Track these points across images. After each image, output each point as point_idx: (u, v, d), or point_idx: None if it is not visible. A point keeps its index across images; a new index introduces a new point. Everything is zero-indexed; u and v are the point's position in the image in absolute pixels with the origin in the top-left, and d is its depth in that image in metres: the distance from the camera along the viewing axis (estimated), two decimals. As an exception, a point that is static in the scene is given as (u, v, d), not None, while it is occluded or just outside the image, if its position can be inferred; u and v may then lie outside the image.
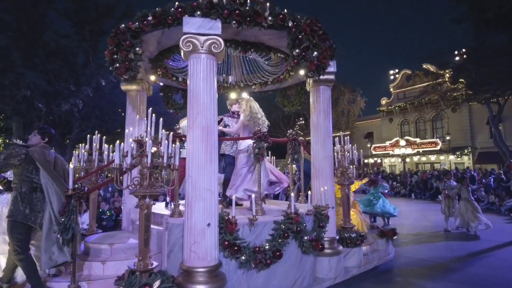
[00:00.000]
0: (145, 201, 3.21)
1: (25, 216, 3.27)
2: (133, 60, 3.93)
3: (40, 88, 19.20)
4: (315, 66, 3.97)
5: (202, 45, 3.61)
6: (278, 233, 3.89)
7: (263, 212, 4.19)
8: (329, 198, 4.86)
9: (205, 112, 3.58)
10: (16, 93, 17.96)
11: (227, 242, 3.60)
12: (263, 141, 4.11)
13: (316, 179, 4.96)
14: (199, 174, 3.51)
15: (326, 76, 4.84)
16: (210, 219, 3.51)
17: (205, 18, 3.61)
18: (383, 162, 30.53)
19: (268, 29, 3.85)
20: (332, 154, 5.03)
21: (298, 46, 3.85)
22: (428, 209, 13.16)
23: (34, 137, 3.62)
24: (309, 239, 4.13)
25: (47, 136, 3.67)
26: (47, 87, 19.56)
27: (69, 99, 18.76)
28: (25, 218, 3.26)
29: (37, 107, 18.69)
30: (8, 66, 18.47)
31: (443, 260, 5.76)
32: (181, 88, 6.07)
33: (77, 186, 3.23)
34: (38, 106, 18.65)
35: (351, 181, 5.46)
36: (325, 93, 5.02)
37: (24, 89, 18.23)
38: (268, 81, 5.96)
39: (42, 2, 18.49)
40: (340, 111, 32.82)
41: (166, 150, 3.19)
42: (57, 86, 18.98)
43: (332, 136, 5.19)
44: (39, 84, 19.44)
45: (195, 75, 3.63)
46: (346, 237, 5.18)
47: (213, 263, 3.48)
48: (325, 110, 4.99)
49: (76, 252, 3.24)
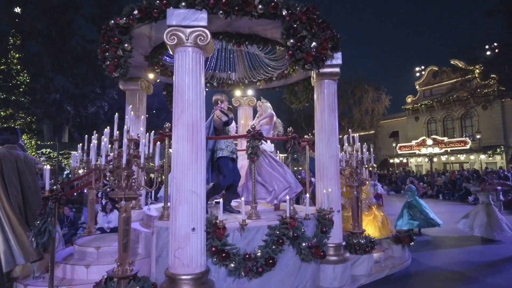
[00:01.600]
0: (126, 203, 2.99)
1: None
2: (122, 57, 3.75)
3: (68, 92, 19.81)
4: (312, 57, 3.60)
5: (187, 38, 3.35)
6: (272, 239, 3.54)
7: (257, 216, 3.86)
8: (334, 201, 4.45)
9: (190, 108, 3.31)
10: (47, 96, 18.62)
11: (215, 248, 3.31)
12: (257, 140, 3.78)
13: (320, 181, 4.57)
14: (183, 175, 3.24)
15: (330, 69, 4.45)
16: (196, 224, 3.23)
17: (190, 9, 3.34)
18: (409, 162, 29.19)
19: (259, 19, 3.53)
20: (337, 154, 4.62)
21: (293, 36, 3.50)
22: (457, 210, 12.22)
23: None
24: (308, 246, 3.76)
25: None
26: (75, 90, 20.15)
27: (95, 101, 19.22)
28: None
29: (66, 110, 19.29)
30: (40, 71, 19.22)
31: (467, 268, 5.18)
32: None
33: (56, 187, 3.05)
34: (66, 109, 19.25)
35: (361, 183, 5.01)
36: (330, 88, 4.62)
37: (54, 92, 18.88)
38: (273, 77, 5.63)
39: (70, 9, 19.09)
40: (364, 109, 31.71)
41: (143, 150, 2.95)
42: (84, 89, 19.51)
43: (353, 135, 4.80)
44: (67, 88, 20.06)
45: (180, 69, 3.37)
46: (354, 243, 4.74)
47: (198, 270, 3.20)
48: (330, 106, 4.59)
49: (54, 255, 3.06)
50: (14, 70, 17.88)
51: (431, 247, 6.69)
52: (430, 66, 28.54)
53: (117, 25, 3.69)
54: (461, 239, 7.30)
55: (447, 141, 25.55)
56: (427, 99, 28.13)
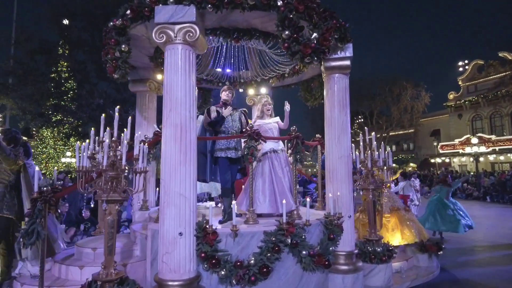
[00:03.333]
0: (110, 206, 2.87)
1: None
2: (120, 58, 3.66)
3: (110, 97, 20.76)
4: (311, 49, 3.26)
5: (176, 35, 3.16)
6: (267, 246, 3.24)
7: (254, 220, 3.57)
8: (345, 205, 4.04)
9: (178, 108, 3.12)
10: (91, 101, 19.68)
11: (204, 253, 3.08)
12: (253, 140, 3.50)
13: (330, 183, 4.17)
14: (170, 177, 3.06)
15: (339, 62, 4.06)
16: (183, 228, 3.03)
17: (178, 6, 3.15)
18: (452, 162, 27.08)
19: (253, 11, 3.26)
20: (349, 154, 4.19)
21: (288, 27, 3.18)
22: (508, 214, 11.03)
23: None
24: (309, 254, 3.41)
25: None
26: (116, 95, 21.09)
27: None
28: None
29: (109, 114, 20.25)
30: (85, 78, 20.35)
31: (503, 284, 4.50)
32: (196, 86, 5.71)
33: (45, 189, 3.01)
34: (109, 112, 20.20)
35: (378, 185, 4.52)
36: (341, 82, 4.20)
37: (98, 98, 19.91)
38: (285, 73, 5.31)
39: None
40: (402, 107, 30.02)
41: (124, 151, 2.80)
42: (124, 94, 20.35)
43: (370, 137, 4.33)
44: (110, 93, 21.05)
45: (168, 67, 3.20)
46: (369, 251, 4.27)
47: (186, 277, 3.00)
48: (340, 102, 4.17)
49: (44, 256, 3.02)
50: (63, 78, 19.05)
51: (470, 255, 5.92)
52: (474, 60, 26.30)
53: (114, 26, 3.60)
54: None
55: (495, 140, 23.35)
56: (472, 95, 25.94)
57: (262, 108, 4.39)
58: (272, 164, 4.03)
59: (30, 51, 17.14)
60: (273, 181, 3.95)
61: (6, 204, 3.27)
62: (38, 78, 17.32)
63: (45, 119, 18.51)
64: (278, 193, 3.89)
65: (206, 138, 4.09)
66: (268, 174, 3.99)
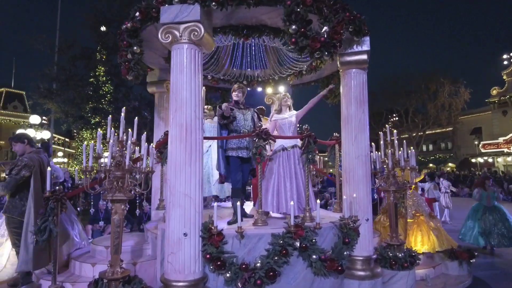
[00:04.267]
0: (116, 205, 2.87)
1: (23, 213, 3.29)
2: (132, 60, 3.69)
3: (145, 99, 21.45)
4: (320, 43, 3.08)
5: (181, 34, 3.12)
6: (275, 249, 3.10)
7: (263, 222, 3.44)
8: (362, 207, 3.80)
9: (183, 108, 3.07)
10: (127, 104, 20.45)
11: (209, 255, 3.00)
12: (261, 139, 3.37)
13: (346, 184, 3.94)
14: (175, 177, 3.01)
15: (356, 57, 3.83)
16: (188, 228, 2.97)
17: (183, 5, 3.10)
18: (496, 162, 25.15)
19: (259, 7, 3.14)
20: (367, 153, 3.93)
21: (295, 21, 3.02)
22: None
23: (15, 147, 3.62)
24: (320, 258, 3.23)
25: (24, 139, 3.67)
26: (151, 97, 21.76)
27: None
28: (22, 215, 3.29)
29: (144, 116, 20.98)
30: (121, 82, 21.21)
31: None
32: (214, 86, 5.69)
33: (58, 188, 3.08)
34: (144, 114, 20.93)
35: (400, 186, 4.22)
36: (357, 78, 3.96)
37: (133, 100, 20.66)
38: (302, 70, 5.12)
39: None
40: (440, 105, 28.36)
41: (129, 151, 2.79)
42: (158, 96, 20.96)
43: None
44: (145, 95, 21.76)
45: (174, 67, 3.16)
46: (390, 257, 3.98)
47: (191, 278, 2.94)
48: (357, 99, 3.93)
49: (57, 252, 3.10)
50: (100, 82, 19.99)
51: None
52: (521, 52, 24.25)
53: (126, 29, 3.64)
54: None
55: (544, 138, 21.38)
56: (518, 90, 23.95)
57: (280, 102, 4.26)
58: (282, 162, 3.87)
59: (72, 58, 18.14)
60: (281, 180, 3.80)
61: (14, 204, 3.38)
62: (79, 83, 18.28)
63: (85, 121, 19.49)
64: (286, 193, 3.73)
65: (211, 138, 4.04)
66: (276, 173, 3.84)
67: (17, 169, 3.40)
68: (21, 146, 3.61)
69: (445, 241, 4.89)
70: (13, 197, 3.40)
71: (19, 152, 3.59)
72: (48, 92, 16.91)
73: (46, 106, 17.36)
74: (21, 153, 3.57)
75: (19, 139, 3.64)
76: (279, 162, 3.86)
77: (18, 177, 3.37)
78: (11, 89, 32.20)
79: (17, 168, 3.40)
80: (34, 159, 3.53)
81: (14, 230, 3.31)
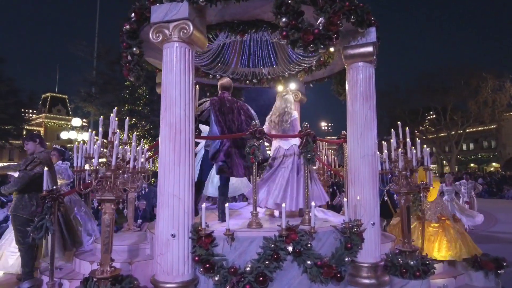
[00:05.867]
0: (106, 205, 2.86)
1: (33, 212, 3.37)
2: (131, 61, 3.68)
3: (178, 100, 22.02)
4: (314, 35, 2.85)
5: (171, 33, 3.04)
6: (266, 253, 2.92)
7: (258, 224, 3.25)
8: (368, 210, 3.49)
9: (173, 107, 2.99)
10: (161, 106, 21.12)
11: (198, 257, 2.89)
12: (255, 139, 3.19)
13: (351, 185, 3.65)
14: (165, 177, 2.94)
15: (361, 49, 3.54)
16: (177, 229, 2.89)
17: (172, 3, 3.01)
18: (547, 162, 22.79)
19: (248, 1, 2.97)
20: (374, 153, 3.61)
21: (285, 13, 2.82)
22: None
23: (27, 145, 3.68)
24: (316, 264, 2.99)
25: (36, 138, 3.73)
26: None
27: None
28: (32, 214, 3.37)
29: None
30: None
31: None
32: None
33: (55, 187, 3.13)
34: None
35: (412, 189, 3.84)
36: (363, 71, 3.64)
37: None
38: (312, 66, 4.87)
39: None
40: (482, 101, 26.27)
41: (115, 151, 2.75)
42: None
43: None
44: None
45: (164, 66, 3.09)
46: (400, 264, 3.63)
47: (179, 279, 2.85)
48: (363, 94, 3.62)
49: (54, 250, 3.14)
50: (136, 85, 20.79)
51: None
52: None
53: (126, 30, 3.62)
54: None
55: None
56: None
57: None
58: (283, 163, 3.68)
59: (110, 63, 19.00)
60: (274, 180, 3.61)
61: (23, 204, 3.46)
62: (116, 87, 19.10)
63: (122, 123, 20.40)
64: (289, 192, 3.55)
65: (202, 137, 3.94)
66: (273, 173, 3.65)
67: (33, 165, 3.46)
68: (32, 145, 3.69)
69: (472, 248, 4.39)
70: (22, 196, 3.46)
71: (30, 151, 3.67)
72: (88, 96, 17.84)
73: (86, 109, 18.32)
74: (31, 152, 3.66)
75: (31, 139, 3.74)
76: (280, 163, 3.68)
77: (32, 173, 3.43)
78: (55, 93, 34.75)
79: (33, 163, 3.46)
80: (45, 158, 3.62)
81: (19, 228, 3.41)
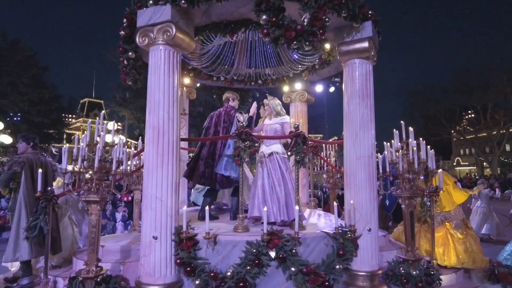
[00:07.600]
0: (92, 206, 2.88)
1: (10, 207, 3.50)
2: (127, 66, 3.72)
3: (209, 104, 22.29)
4: (296, 32, 2.68)
5: (155, 36, 3.01)
6: (247, 257, 2.78)
7: (245, 228, 3.11)
8: (364, 215, 3.23)
9: (156, 110, 2.95)
10: (192, 109, 21.54)
11: (180, 260, 2.82)
12: (241, 140, 3.06)
13: (347, 189, 3.41)
14: (148, 180, 2.91)
15: (355, 45, 3.30)
16: (159, 232, 2.84)
17: (156, 7, 2.98)
18: None
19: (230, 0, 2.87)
20: (371, 154, 3.33)
21: (265, 11, 2.68)
22: None
23: (19, 145, 3.76)
24: (301, 271, 2.80)
25: (31, 141, 3.78)
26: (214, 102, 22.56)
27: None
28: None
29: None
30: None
31: None
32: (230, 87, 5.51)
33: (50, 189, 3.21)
34: (208, 119, 21.83)
35: (415, 193, 3.49)
36: (360, 68, 3.38)
37: (198, 106, 21.62)
38: (315, 65, 4.65)
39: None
40: None
41: (98, 153, 2.76)
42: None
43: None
44: (209, 101, 22.62)
45: (149, 69, 3.07)
46: (401, 274, 3.32)
47: (161, 282, 2.80)
48: (360, 91, 3.35)
49: (49, 249, 3.22)
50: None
51: None
52: None
53: (122, 35, 3.67)
54: None
55: None
56: None
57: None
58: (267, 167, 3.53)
59: (143, 68, 19.76)
60: (266, 185, 3.44)
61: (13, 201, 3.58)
62: (149, 91, 19.84)
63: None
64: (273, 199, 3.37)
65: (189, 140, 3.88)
66: (262, 178, 3.49)
67: (9, 165, 3.56)
68: (24, 146, 3.75)
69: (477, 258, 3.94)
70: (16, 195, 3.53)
71: (20, 151, 3.76)
72: (123, 101, 18.66)
73: (121, 113, 19.17)
74: (21, 152, 3.74)
75: (25, 140, 3.78)
76: (265, 167, 3.53)
77: (10, 171, 3.50)
78: (92, 98, 36.91)
79: (9, 164, 3.57)
80: (28, 158, 3.62)
81: None
